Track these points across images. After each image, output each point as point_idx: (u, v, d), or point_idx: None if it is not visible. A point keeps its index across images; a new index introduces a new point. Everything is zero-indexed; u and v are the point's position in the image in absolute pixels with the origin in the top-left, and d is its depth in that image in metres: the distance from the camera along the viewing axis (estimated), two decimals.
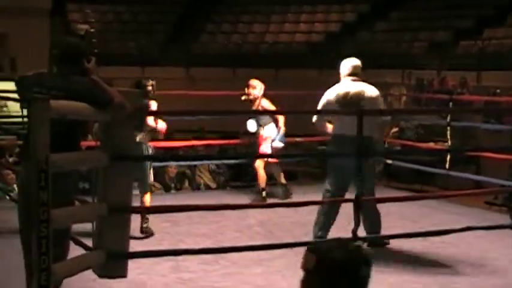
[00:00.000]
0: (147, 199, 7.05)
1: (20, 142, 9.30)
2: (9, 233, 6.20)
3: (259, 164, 8.82)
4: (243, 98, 8.79)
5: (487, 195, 8.88)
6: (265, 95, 8.78)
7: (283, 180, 9.07)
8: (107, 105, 4.09)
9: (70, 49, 4.28)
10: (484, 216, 8.14)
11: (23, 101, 4.33)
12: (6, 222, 6.75)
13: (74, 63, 4.21)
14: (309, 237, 6.79)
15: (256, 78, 8.92)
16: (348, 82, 6.60)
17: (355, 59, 6.73)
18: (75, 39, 4.64)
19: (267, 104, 8.71)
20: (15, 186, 8.64)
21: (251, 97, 8.72)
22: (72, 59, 4.23)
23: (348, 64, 6.67)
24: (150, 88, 7.21)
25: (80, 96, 4.00)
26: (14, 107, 16.54)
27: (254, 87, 8.71)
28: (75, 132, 4.22)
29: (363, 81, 6.67)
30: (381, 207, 6.94)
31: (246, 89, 8.79)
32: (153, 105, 7.18)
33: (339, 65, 6.73)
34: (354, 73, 6.63)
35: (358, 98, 6.48)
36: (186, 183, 9.98)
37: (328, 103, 6.51)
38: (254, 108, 8.71)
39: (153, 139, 7.35)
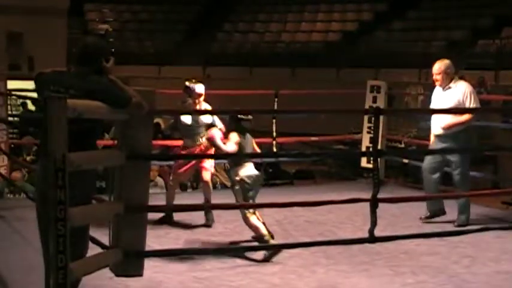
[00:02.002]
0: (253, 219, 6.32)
1: (37, 141, 9.39)
2: (28, 231, 6.24)
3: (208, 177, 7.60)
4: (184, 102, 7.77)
5: (504, 195, 8.82)
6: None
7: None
8: (125, 105, 4.10)
9: (88, 48, 4.28)
10: (501, 216, 8.09)
11: (40, 99, 4.33)
12: (25, 220, 6.79)
13: (92, 62, 4.22)
14: (325, 237, 6.79)
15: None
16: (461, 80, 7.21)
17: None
18: (93, 39, 4.62)
19: (206, 104, 7.70)
20: (32, 184, 8.72)
21: (196, 102, 7.64)
22: (90, 58, 4.23)
23: (452, 65, 7.20)
24: (249, 118, 6.44)
25: (98, 96, 4.01)
26: (32, 106, 16.68)
27: (201, 95, 7.59)
28: (92, 131, 4.23)
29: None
30: (397, 207, 6.91)
31: (190, 97, 7.64)
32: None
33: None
34: None
35: None
36: None
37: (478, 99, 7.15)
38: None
39: None
